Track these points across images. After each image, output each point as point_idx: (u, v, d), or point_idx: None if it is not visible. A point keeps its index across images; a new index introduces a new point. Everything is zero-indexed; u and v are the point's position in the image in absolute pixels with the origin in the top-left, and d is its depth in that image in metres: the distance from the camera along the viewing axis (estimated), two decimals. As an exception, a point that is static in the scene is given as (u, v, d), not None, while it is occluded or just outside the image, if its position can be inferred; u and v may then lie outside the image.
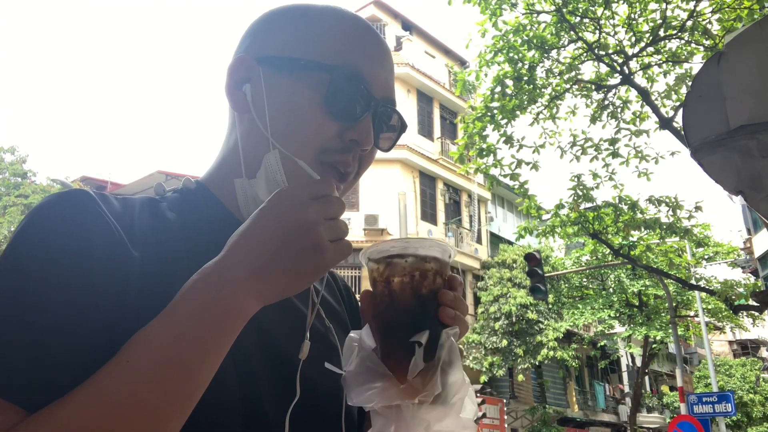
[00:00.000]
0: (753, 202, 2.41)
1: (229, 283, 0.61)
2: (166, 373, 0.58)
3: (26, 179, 23.36)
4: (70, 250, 0.64)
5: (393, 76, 0.86)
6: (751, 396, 26.98)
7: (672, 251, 13.04)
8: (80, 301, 0.63)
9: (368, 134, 0.79)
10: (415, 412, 0.63)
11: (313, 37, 0.80)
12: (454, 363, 0.65)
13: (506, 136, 8.84)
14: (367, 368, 0.66)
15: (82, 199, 0.69)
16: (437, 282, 0.68)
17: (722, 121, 2.43)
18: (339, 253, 0.64)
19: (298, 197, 0.64)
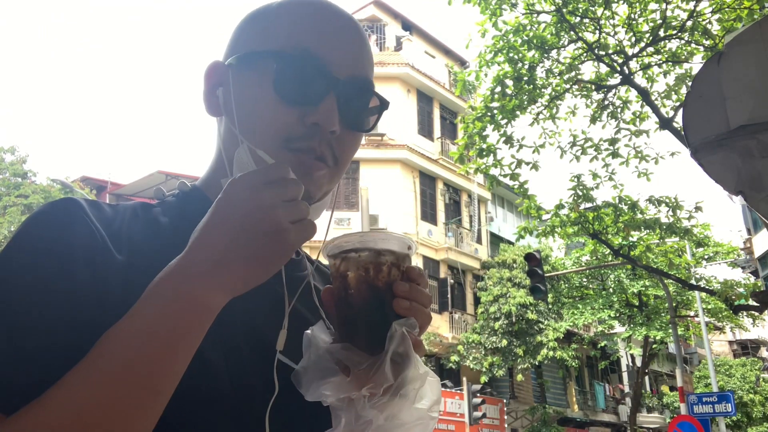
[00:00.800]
0: (753, 202, 2.41)
1: (191, 279, 0.61)
2: (132, 372, 0.58)
3: (26, 179, 23.36)
4: (51, 255, 0.66)
5: (364, 54, 0.82)
6: (751, 396, 26.98)
7: (672, 251, 13.05)
8: (58, 304, 0.64)
9: (330, 115, 0.76)
10: (365, 404, 0.62)
11: (266, 29, 0.80)
12: (408, 354, 0.63)
13: (506, 136, 8.84)
14: (319, 363, 0.65)
15: (69, 207, 0.71)
16: (393, 274, 0.67)
17: (722, 121, 2.43)
18: (302, 234, 0.63)
19: (252, 183, 0.63)
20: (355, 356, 0.65)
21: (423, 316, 0.67)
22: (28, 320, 0.62)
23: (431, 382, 0.65)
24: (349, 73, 0.79)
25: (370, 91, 0.82)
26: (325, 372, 0.65)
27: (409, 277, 0.68)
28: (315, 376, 0.65)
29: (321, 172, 0.78)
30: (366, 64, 0.82)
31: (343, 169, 0.83)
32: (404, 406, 0.63)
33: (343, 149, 0.80)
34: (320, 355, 0.66)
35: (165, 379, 0.60)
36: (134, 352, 0.58)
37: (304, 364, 0.66)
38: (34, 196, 22.00)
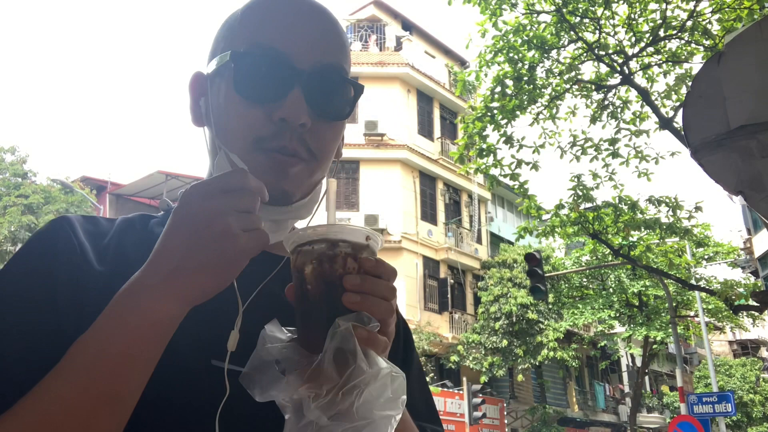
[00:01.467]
0: (753, 202, 2.41)
1: (145, 290, 0.61)
2: (92, 381, 0.59)
3: (26, 179, 23.36)
4: (35, 272, 0.70)
5: (330, 40, 0.80)
6: (751, 396, 26.98)
7: (672, 251, 13.05)
8: (38, 317, 0.67)
9: (296, 109, 0.74)
10: (309, 405, 0.60)
11: (231, 33, 0.80)
12: (354, 351, 0.60)
13: (506, 136, 8.84)
14: (266, 364, 0.63)
15: (60, 225, 0.76)
16: (349, 266, 0.64)
17: (722, 121, 2.43)
18: (253, 241, 0.62)
19: (206, 191, 0.62)
20: (295, 356, 0.63)
21: (381, 309, 0.63)
22: (8, 334, 0.65)
23: (392, 377, 0.61)
24: (314, 62, 0.77)
25: (340, 78, 0.79)
26: (273, 373, 0.63)
27: (363, 269, 0.64)
28: (263, 377, 0.63)
29: (295, 168, 0.77)
30: (334, 50, 0.80)
31: (325, 161, 0.80)
32: (350, 405, 0.59)
33: (319, 140, 0.78)
34: (265, 356, 0.64)
35: (124, 388, 0.60)
36: (93, 362, 0.59)
37: (252, 365, 0.64)
38: (34, 196, 22.00)
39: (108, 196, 25.32)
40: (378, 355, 0.62)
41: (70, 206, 22.28)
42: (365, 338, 0.61)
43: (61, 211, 22.13)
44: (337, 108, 0.79)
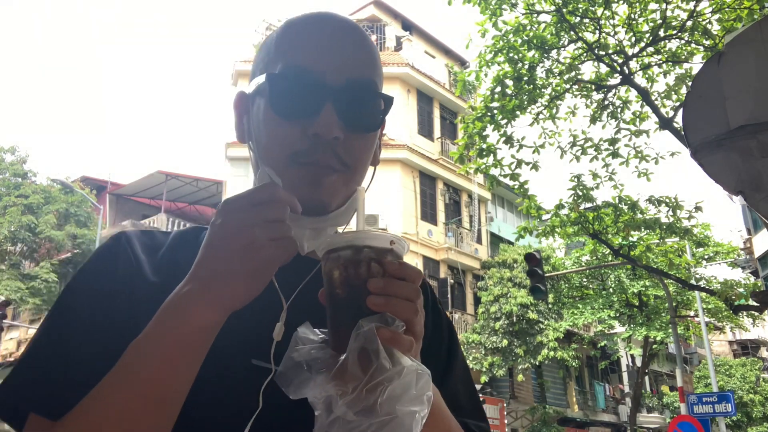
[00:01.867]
0: (753, 202, 2.41)
1: (186, 298, 0.66)
2: (141, 385, 0.65)
3: (26, 179, 23.34)
4: (97, 283, 0.79)
5: (361, 56, 0.84)
6: (751, 396, 26.98)
7: (672, 251, 13.04)
8: (99, 321, 0.75)
9: (329, 124, 0.78)
10: (338, 402, 0.63)
11: (268, 55, 0.86)
12: (376, 351, 0.63)
13: (506, 136, 8.84)
14: (298, 364, 0.67)
15: (118, 240, 0.84)
16: (374, 271, 0.67)
17: (722, 121, 2.43)
18: (281, 250, 0.66)
19: (237, 204, 0.68)
20: (324, 356, 0.66)
21: (405, 310, 0.66)
22: (74, 337, 0.74)
23: (418, 374, 0.64)
24: (345, 77, 0.81)
25: (370, 92, 0.84)
26: (303, 372, 0.66)
27: (388, 272, 0.67)
28: (296, 376, 0.67)
29: (330, 178, 0.81)
30: (364, 65, 0.84)
31: (359, 171, 0.85)
32: (374, 401, 0.62)
33: (352, 152, 0.82)
34: (297, 357, 0.67)
35: (170, 390, 0.66)
36: (141, 367, 0.66)
37: (285, 365, 0.67)
38: (34, 196, 21.98)
39: (108, 196, 25.31)
40: (403, 354, 0.64)
41: (70, 206, 22.28)
42: (388, 338, 0.63)
43: (61, 211, 22.13)
44: (368, 120, 0.84)
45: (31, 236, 21.59)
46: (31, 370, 0.73)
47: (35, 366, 0.73)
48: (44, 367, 0.72)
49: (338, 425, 0.63)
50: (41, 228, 21.34)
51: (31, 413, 0.71)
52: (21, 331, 23.79)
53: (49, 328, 0.76)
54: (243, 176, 20.53)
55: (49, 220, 21.56)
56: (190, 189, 25.16)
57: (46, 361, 0.73)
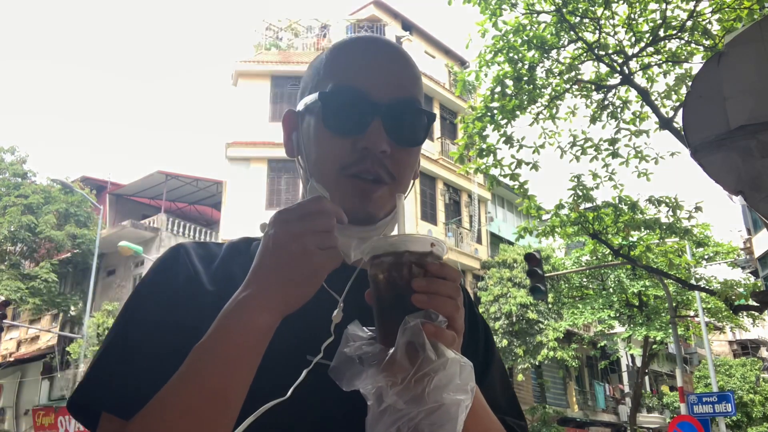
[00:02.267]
0: (753, 202, 2.41)
1: (241, 303, 0.72)
2: (204, 384, 0.70)
3: (26, 179, 23.33)
4: (159, 292, 0.84)
5: (405, 75, 0.91)
6: (751, 396, 26.96)
7: (672, 251, 13.03)
8: (163, 329, 0.81)
9: (377, 138, 0.85)
10: (388, 392, 0.68)
11: (318, 75, 0.92)
12: (422, 344, 0.68)
13: (506, 136, 8.83)
14: (349, 358, 0.73)
15: (177, 252, 0.90)
16: (415, 272, 0.72)
17: (722, 121, 2.43)
18: (329, 258, 0.72)
19: (288, 216, 0.74)
20: (374, 350, 0.72)
21: (447, 307, 0.71)
22: (144, 342, 0.80)
23: (460, 366, 0.69)
24: (391, 96, 0.87)
25: (414, 108, 0.90)
26: (356, 366, 0.72)
27: (430, 272, 0.72)
28: (348, 369, 0.73)
29: (378, 192, 0.87)
30: (408, 84, 0.91)
31: (404, 183, 0.91)
32: (422, 390, 0.67)
33: (398, 165, 0.89)
34: (349, 351, 0.73)
35: (231, 388, 0.71)
36: (204, 368, 0.71)
37: (338, 359, 0.74)
38: (34, 196, 21.97)
39: (108, 196, 25.30)
40: (447, 347, 0.70)
41: (70, 206, 22.27)
42: (433, 332, 0.69)
43: (61, 211, 22.12)
44: (413, 135, 0.90)
45: (31, 236, 21.59)
46: (105, 373, 0.79)
47: (108, 369, 0.79)
48: (116, 370, 0.78)
49: (389, 413, 0.68)
50: (41, 228, 21.34)
51: (103, 413, 0.78)
52: (21, 331, 23.78)
53: (118, 334, 0.82)
54: (243, 176, 20.53)
55: (49, 220, 21.55)
56: (190, 189, 25.16)
57: (118, 364, 0.79)
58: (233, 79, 22.00)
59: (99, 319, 20.08)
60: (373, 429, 0.69)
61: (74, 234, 21.89)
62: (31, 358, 23.48)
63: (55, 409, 21.22)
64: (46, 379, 22.72)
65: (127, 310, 0.84)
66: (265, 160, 20.63)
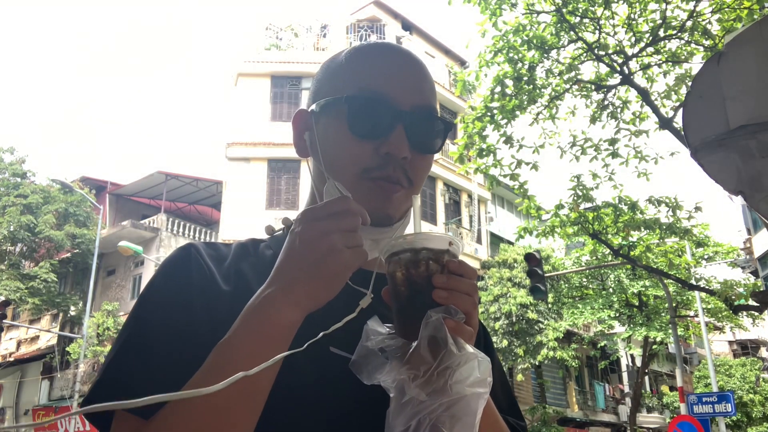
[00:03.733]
0: (753, 202, 2.40)
1: (267, 299, 0.73)
2: (227, 376, 0.69)
3: (26, 179, 23.33)
4: (174, 293, 0.84)
5: (425, 84, 0.93)
6: (751, 396, 26.96)
7: (672, 251, 13.03)
8: (180, 327, 0.80)
9: (400, 144, 0.87)
10: (410, 385, 0.70)
11: (338, 76, 0.94)
12: (444, 338, 0.70)
13: (506, 136, 8.83)
14: (370, 352, 0.75)
15: (189, 251, 0.89)
16: (432, 269, 0.74)
17: (722, 121, 2.43)
18: (356, 257, 0.73)
19: (315, 214, 0.74)
20: (397, 343, 0.74)
21: (465, 303, 0.74)
22: (159, 341, 0.79)
23: (479, 361, 0.71)
24: (412, 103, 0.90)
25: (433, 117, 0.93)
26: (377, 360, 0.74)
27: (448, 270, 0.75)
28: (369, 363, 0.74)
29: (398, 193, 0.90)
30: (428, 93, 0.94)
31: (419, 187, 0.95)
32: (443, 383, 0.69)
33: (416, 171, 0.92)
34: (371, 345, 0.75)
35: (255, 384, 0.71)
36: (229, 364, 0.71)
37: (359, 353, 0.76)
38: (33, 196, 21.97)
39: (108, 196, 25.30)
40: (465, 342, 0.72)
41: (70, 206, 22.26)
42: (453, 327, 0.71)
43: (61, 210, 22.12)
44: (431, 143, 0.93)
45: (31, 236, 21.58)
46: (122, 371, 0.78)
47: (125, 367, 0.78)
48: (134, 368, 0.78)
49: (411, 405, 0.70)
50: (40, 228, 21.34)
51: (116, 413, 0.77)
52: (21, 331, 23.77)
53: (133, 332, 0.81)
54: (243, 176, 20.52)
55: (49, 220, 21.55)
56: (190, 189, 25.16)
57: (135, 362, 0.78)
58: (233, 79, 22.00)
59: (99, 319, 20.08)
60: (395, 420, 0.71)
61: (74, 234, 21.88)
62: (31, 358, 23.48)
63: (55, 409, 21.22)
64: (45, 379, 22.72)
65: (141, 308, 0.84)
66: (265, 160, 20.64)
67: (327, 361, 0.82)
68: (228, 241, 0.97)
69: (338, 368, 0.80)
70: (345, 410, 0.82)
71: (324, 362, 0.82)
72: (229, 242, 0.97)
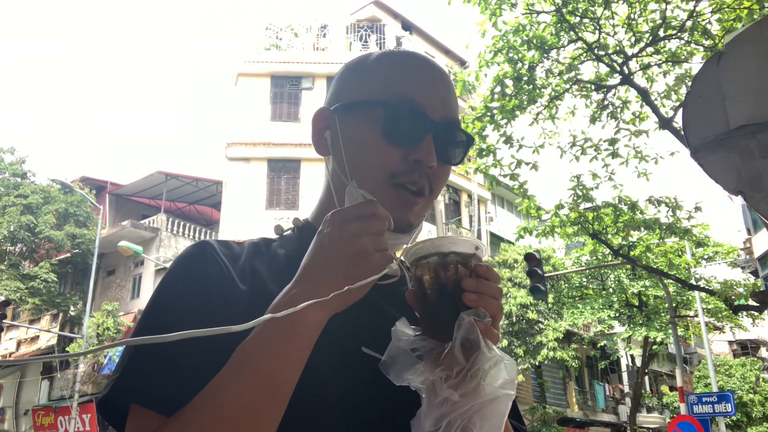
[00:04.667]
0: (753, 202, 2.41)
1: (294, 299, 0.73)
2: (256, 377, 0.71)
3: (26, 179, 23.33)
4: (192, 286, 0.83)
5: (452, 97, 0.96)
6: (751, 396, 26.95)
7: (672, 251, 13.03)
8: (200, 324, 0.77)
9: (429, 153, 0.89)
10: (443, 385, 0.71)
11: (369, 79, 0.94)
12: (476, 339, 0.71)
13: (506, 136, 8.83)
14: (401, 353, 0.76)
15: (205, 247, 0.89)
16: (461, 272, 0.75)
17: (722, 121, 2.43)
18: (383, 260, 0.74)
19: (344, 216, 0.75)
20: (429, 345, 0.75)
21: (493, 307, 0.75)
22: (177, 345, 0.76)
23: (505, 363, 0.72)
24: (441, 115, 0.92)
25: (459, 130, 0.95)
26: (407, 360, 0.75)
27: (477, 274, 0.76)
28: (399, 364, 0.75)
29: (418, 205, 0.91)
30: (454, 106, 0.96)
31: (437, 196, 0.96)
32: (476, 384, 0.70)
33: (438, 180, 0.93)
34: (401, 346, 0.76)
35: (282, 381, 0.72)
36: (256, 362, 0.72)
37: (389, 354, 0.77)
38: (34, 196, 21.97)
39: (108, 196, 25.30)
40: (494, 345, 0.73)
41: (70, 206, 22.26)
42: (483, 330, 0.73)
43: (61, 211, 22.11)
44: (455, 154, 0.95)
45: (31, 236, 21.58)
46: (142, 368, 0.77)
47: (145, 364, 0.78)
48: (155, 364, 0.77)
49: (443, 405, 0.71)
50: (40, 228, 21.34)
51: (133, 409, 0.76)
52: (21, 331, 23.77)
53: (149, 330, 0.80)
54: (243, 176, 20.52)
55: (49, 220, 21.55)
56: (190, 189, 25.16)
57: (156, 358, 0.77)
58: (233, 79, 22.00)
59: (99, 319, 20.08)
60: (425, 420, 0.72)
61: (74, 234, 21.88)
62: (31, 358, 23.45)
63: (55, 409, 21.22)
64: (45, 379, 22.72)
65: (158, 302, 0.83)
66: (265, 160, 20.63)
67: (359, 357, 0.83)
68: (238, 240, 0.97)
69: (370, 368, 0.80)
70: (371, 413, 0.82)
71: (352, 360, 0.83)
72: (240, 241, 0.97)
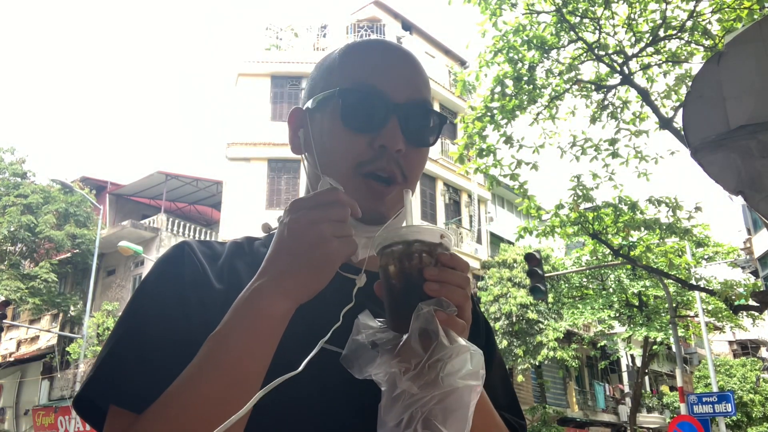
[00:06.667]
0: (753, 202, 2.41)
1: (257, 290, 0.73)
2: (222, 371, 0.71)
3: (26, 179, 23.33)
4: (166, 286, 0.84)
5: (419, 79, 0.93)
6: (751, 396, 26.97)
7: (672, 251, 13.03)
8: (174, 323, 0.80)
9: (394, 137, 0.87)
10: (401, 377, 0.70)
11: (333, 72, 0.93)
12: (435, 330, 0.69)
13: (506, 137, 8.83)
14: (361, 347, 0.75)
15: (183, 248, 0.89)
16: (425, 261, 0.74)
17: (722, 121, 2.43)
18: (345, 246, 0.72)
19: (304, 205, 0.74)
20: (387, 336, 0.74)
21: (458, 296, 0.73)
22: (151, 336, 0.79)
23: (471, 353, 0.70)
24: (406, 97, 0.90)
25: (428, 110, 0.93)
26: (369, 354, 0.74)
27: (441, 263, 0.74)
28: (360, 357, 0.74)
29: (391, 194, 0.89)
30: (422, 87, 0.93)
31: (414, 182, 0.93)
32: (435, 376, 0.68)
33: (411, 165, 0.91)
34: (360, 339, 0.75)
35: (249, 374, 0.72)
36: (221, 356, 0.72)
37: (350, 348, 0.75)
38: (34, 196, 21.96)
39: (108, 196, 25.29)
40: (458, 335, 0.71)
41: (70, 206, 22.26)
42: (444, 319, 0.70)
43: (61, 211, 22.11)
44: (426, 136, 0.92)
45: (31, 236, 21.57)
46: (115, 367, 0.78)
47: (118, 363, 0.78)
48: (127, 364, 0.78)
49: (403, 399, 0.69)
50: (41, 228, 21.33)
51: (111, 409, 0.77)
52: (21, 331, 23.77)
53: (125, 330, 0.81)
54: (243, 176, 20.52)
55: (49, 220, 21.54)
56: (190, 189, 25.15)
57: (129, 358, 0.78)
58: (233, 79, 22.00)
59: (99, 319, 20.08)
60: (387, 415, 0.70)
61: (74, 234, 21.87)
62: (31, 358, 23.48)
63: (55, 409, 21.22)
64: (46, 379, 22.71)
65: (135, 305, 0.84)
66: (265, 160, 20.63)
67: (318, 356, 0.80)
68: (224, 240, 0.98)
69: (330, 363, 0.79)
70: (347, 413, 0.81)
71: (331, 362, 0.80)
72: (224, 241, 0.96)
